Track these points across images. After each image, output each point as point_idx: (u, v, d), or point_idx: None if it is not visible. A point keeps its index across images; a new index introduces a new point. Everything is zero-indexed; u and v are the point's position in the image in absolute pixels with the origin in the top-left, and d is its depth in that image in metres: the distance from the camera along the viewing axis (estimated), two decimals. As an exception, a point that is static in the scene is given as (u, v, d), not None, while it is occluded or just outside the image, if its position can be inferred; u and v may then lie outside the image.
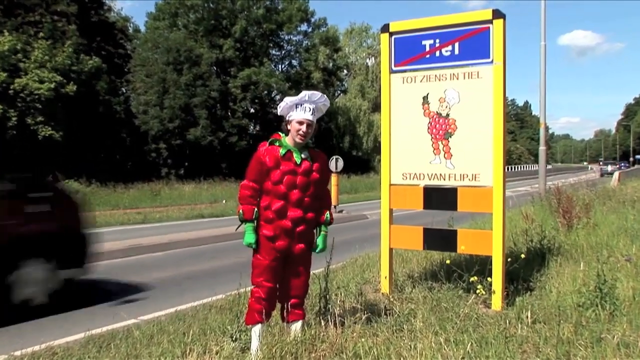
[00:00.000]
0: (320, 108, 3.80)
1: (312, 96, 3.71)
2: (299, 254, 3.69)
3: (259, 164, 3.65)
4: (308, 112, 3.65)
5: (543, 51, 16.60)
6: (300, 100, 3.69)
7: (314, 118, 3.68)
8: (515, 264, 5.40)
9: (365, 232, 12.03)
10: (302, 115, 3.64)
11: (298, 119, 3.64)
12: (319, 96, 3.74)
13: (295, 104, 3.69)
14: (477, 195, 4.86)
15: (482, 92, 4.80)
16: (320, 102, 3.76)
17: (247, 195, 3.66)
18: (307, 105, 3.67)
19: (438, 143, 4.99)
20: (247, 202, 3.65)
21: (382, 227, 5.34)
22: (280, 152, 3.64)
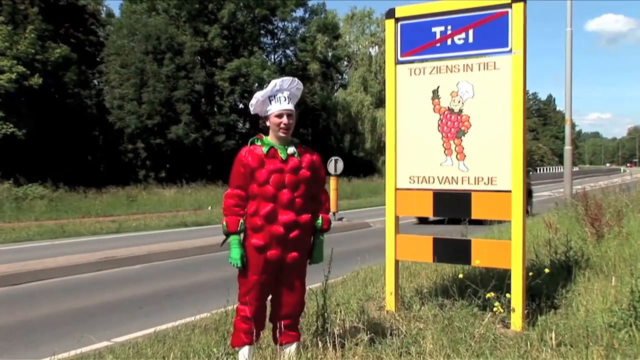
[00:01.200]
0: (295, 94, 3.81)
1: (283, 83, 3.73)
2: (293, 263, 3.68)
3: (241, 167, 3.65)
4: (284, 101, 3.68)
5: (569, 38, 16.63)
6: (272, 91, 3.71)
7: (293, 107, 3.71)
8: (538, 279, 5.39)
9: (368, 242, 12.02)
10: (279, 106, 3.67)
11: (276, 112, 3.67)
12: (290, 81, 3.76)
13: (267, 97, 3.72)
14: (494, 200, 4.85)
15: (500, 85, 4.80)
16: (293, 87, 3.77)
17: (231, 204, 3.66)
18: (281, 95, 3.70)
19: (450, 142, 4.99)
20: (232, 213, 3.65)
21: (386, 237, 5.34)
22: (263, 150, 3.65)
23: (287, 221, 3.60)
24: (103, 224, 16.44)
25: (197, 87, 33.88)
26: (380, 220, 14.94)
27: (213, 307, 5.82)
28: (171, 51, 33.57)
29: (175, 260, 10.42)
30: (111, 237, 14.15)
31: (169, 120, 33.01)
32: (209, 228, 15.81)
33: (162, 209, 21.89)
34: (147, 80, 32.88)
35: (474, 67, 4.91)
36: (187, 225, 16.80)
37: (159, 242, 12.04)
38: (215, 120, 34.62)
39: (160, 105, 32.67)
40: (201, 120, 34.05)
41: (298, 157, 3.70)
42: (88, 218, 18.51)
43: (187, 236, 13.49)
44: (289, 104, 3.68)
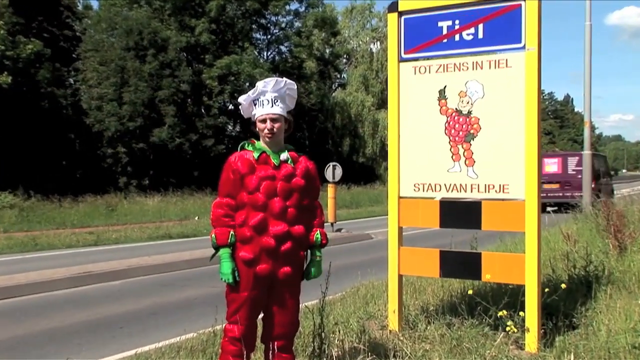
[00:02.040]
0: (288, 95, 3.80)
1: (266, 86, 3.73)
2: (285, 279, 3.67)
3: (231, 173, 3.67)
4: (268, 105, 3.69)
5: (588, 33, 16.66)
6: (255, 94, 3.73)
7: (280, 110, 3.70)
8: (554, 296, 5.39)
9: (369, 256, 12.01)
10: (262, 111, 3.69)
11: (259, 116, 3.70)
12: (275, 82, 3.75)
13: (252, 100, 3.74)
14: (506, 210, 4.86)
15: (512, 85, 4.82)
16: (281, 88, 3.76)
17: (221, 214, 3.66)
18: (265, 98, 3.71)
19: (457, 147, 5.01)
20: (222, 224, 3.65)
21: (389, 250, 5.34)
22: (254, 155, 3.67)
23: (279, 232, 3.60)
24: (79, 235, 16.39)
25: (183, 87, 33.91)
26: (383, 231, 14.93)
27: (200, 327, 5.80)
28: (154, 47, 33.61)
29: (159, 276, 10.39)
30: (89, 250, 14.11)
31: (153, 122, 33.02)
32: (196, 240, 15.78)
33: (144, 219, 21.85)
34: (128, 79, 32.89)
35: (484, 65, 4.93)
36: (172, 237, 16.76)
37: (141, 256, 12.01)
38: (203, 122, 34.63)
39: (143, 106, 32.68)
40: (187, 123, 34.06)
41: (292, 164, 3.71)
42: (63, 229, 18.45)
43: (172, 249, 13.46)
44: (272, 107, 3.69)
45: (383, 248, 5.83)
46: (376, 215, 24.07)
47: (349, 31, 49.62)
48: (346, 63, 49.94)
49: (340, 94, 46.31)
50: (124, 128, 32.53)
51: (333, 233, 16.30)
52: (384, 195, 26.67)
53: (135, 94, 32.44)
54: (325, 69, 44.46)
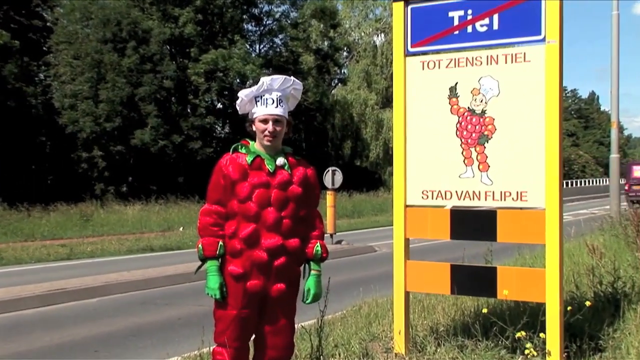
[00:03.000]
0: (292, 95, 3.83)
1: (273, 83, 3.74)
2: (279, 297, 3.68)
3: (221, 178, 3.67)
4: (271, 104, 3.69)
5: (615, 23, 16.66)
6: (259, 91, 3.72)
7: (282, 111, 3.72)
8: (578, 315, 5.39)
9: (373, 270, 12.01)
10: (265, 110, 3.68)
11: (260, 116, 3.69)
12: (283, 80, 3.77)
13: (254, 97, 3.74)
14: (524, 220, 4.86)
15: (531, 81, 4.83)
16: (287, 87, 3.79)
17: (209, 223, 3.67)
18: (270, 96, 3.71)
19: (470, 150, 5.01)
20: (210, 233, 3.66)
21: (395, 264, 5.33)
22: (247, 159, 3.66)
23: (272, 246, 3.60)
24: (50, 248, 16.35)
25: (166, 83, 33.93)
26: (387, 243, 14.91)
27: (185, 350, 5.79)
28: (134, 39, 33.64)
29: (140, 293, 10.37)
30: (61, 264, 14.08)
31: (132, 123, 33.02)
32: (180, 253, 15.75)
33: (123, 230, 21.82)
34: (105, 75, 32.91)
35: (499, 60, 4.93)
36: (153, 249, 16.73)
37: (119, 271, 11.99)
38: (189, 123, 34.63)
39: (122, 104, 32.69)
40: (171, 123, 34.06)
41: (289, 170, 3.71)
42: (32, 242, 18.41)
43: (154, 263, 13.43)
44: (277, 107, 3.69)
45: (388, 262, 5.82)
46: (380, 226, 24.04)
47: (350, 22, 49.69)
48: (347, 57, 49.98)
49: (340, 92, 46.34)
50: (101, 129, 32.52)
51: (333, 245, 16.28)
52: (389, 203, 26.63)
53: (113, 92, 32.45)
54: (323, 64, 44.48)
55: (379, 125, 44.49)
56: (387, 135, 42.83)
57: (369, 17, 50.03)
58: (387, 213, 28.00)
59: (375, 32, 49.03)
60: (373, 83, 45.96)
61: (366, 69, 46.27)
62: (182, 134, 34.15)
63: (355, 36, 49.82)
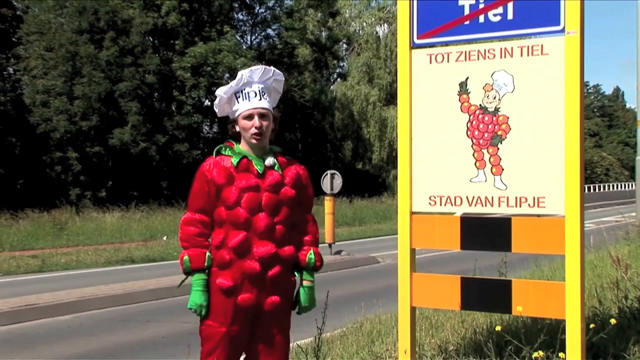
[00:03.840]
0: (273, 89, 3.83)
1: (252, 75, 3.74)
2: (273, 311, 3.67)
3: (204, 184, 3.66)
4: (255, 97, 3.69)
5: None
6: (239, 85, 3.72)
7: (267, 104, 3.72)
8: (602, 333, 5.39)
9: (375, 283, 12.01)
10: (248, 104, 3.68)
11: (244, 112, 3.68)
12: (262, 71, 3.77)
13: (234, 93, 3.73)
14: (542, 228, 4.86)
15: (549, 76, 4.83)
16: (268, 79, 3.79)
17: (193, 233, 3.66)
18: (251, 89, 3.71)
19: (482, 151, 5.01)
20: (194, 244, 3.65)
21: (399, 276, 5.33)
22: (233, 161, 3.66)
23: (265, 255, 3.60)
24: (20, 260, 16.32)
25: (148, 78, 33.93)
26: (391, 254, 14.89)
27: (168, 372, 5.78)
28: (113, 30, 33.65)
29: (119, 309, 10.35)
30: (31, 277, 14.04)
31: (111, 121, 33.01)
32: (164, 265, 15.74)
33: (101, 239, 21.79)
34: (81, 69, 32.89)
35: (514, 52, 4.94)
36: (134, 261, 16.71)
37: (96, 285, 11.97)
38: (174, 122, 34.63)
39: (99, 101, 32.67)
40: (154, 123, 34.06)
41: (279, 171, 3.71)
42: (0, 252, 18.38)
43: (135, 276, 13.42)
44: (261, 100, 3.70)
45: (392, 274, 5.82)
46: (384, 235, 24.05)
47: (351, 11, 49.77)
48: (347, 50, 50.03)
49: (340, 87, 46.38)
50: (76, 128, 32.49)
51: (331, 256, 16.28)
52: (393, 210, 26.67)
53: (90, 87, 32.43)
54: (321, 57, 44.50)
55: (382, 124, 44.52)
56: (391, 136, 42.88)
57: (371, 5, 50.17)
58: (391, 221, 28.01)
59: (378, 22, 49.12)
60: (376, 78, 45.98)
61: (368, 63, 46.30)
62: (167, 134, 34.13)
63: (356, 26, 49.87)
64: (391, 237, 19.80)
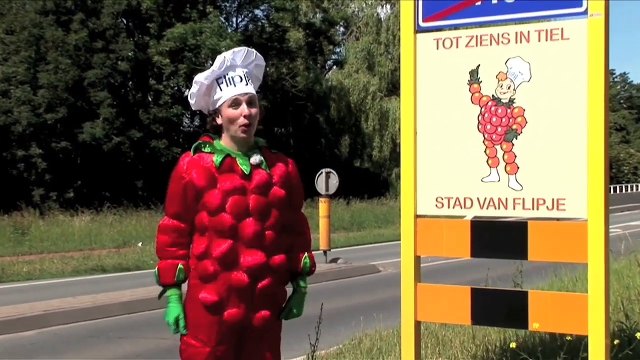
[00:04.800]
0: (254, 75, 3.81)
1: (236, 57, 3.71)
2: (262, 327, 3.67)
3: (180, 187, 3.63)
4: (241, 82, 3.65)
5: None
6: (220, 70, 3.68)
7: (251, 88, 3.68)
8: (628, 350, 5.40)
9: (375, 295, 12.03)
10: (233, 90, 3.63)
11: (229, 98, 3.62)
12: (246, 53, 3.75)
13: (215, 79, 3.68)
14: (562, 234, 4.86)
15: (569, 63, 4.83)
16: (250, 63, 3.77)
17: (165, 243, 3.65)
18: (235, 74, 3.67)
19: (495, 148, 5.01)
20: (165, 255, 3.65)
21: (402, 287, 5.33)
22: (215, 160, 3.62)
23: (254, 265, 3.59)
24: (-23, 268, 16.30)
25: (121, 65, 33.88)
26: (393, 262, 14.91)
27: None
28: (82, 11, 33.60)
29: (88, 323, 10.33)
30: (-9, 288, 14.03)
31: (80, 114, 32.94)
32: (139, 274, 15.72)
33: (68, 246, 21.74)
34: (46, 54, 32.83)
35: (531, 37, 4.94)
36: (105, 270, 16.68)
37: (63, 296, 11.94)
38: (150, 114, 34.59)
39: (67, 91, 32.61)
40: (129, 115, 34.01)
41: (267, 169, 3.69)
42: (-45, 260, 18.35)
43: (107, 287, 13.39)
44: (247, 85, 3.66)
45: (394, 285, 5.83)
46: (385, 241, 24.08)
47: (349, -10, 49.78)
48: (344, 34, 50.01)
49: (336, 76, 46.36)
50: (41, 121, 32.43)
51: (326, 265, 16.28)
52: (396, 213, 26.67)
53: (56, 75, 32.36)
54: (315, 42, 44.50)
55: (383, 116, 44.51)
56: (394, 129, 42.88)
57: (371, -17, 50.11)
58: (393, 225, 28.02)
59: (379, 2, 49.11)
60: (376, 65, 45.97)
61: (368, 49, 46.24)
62: (143, 128, 34.08)
63: (354, 7, 49.87)
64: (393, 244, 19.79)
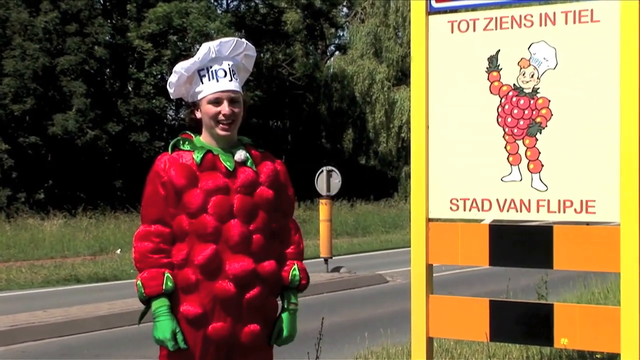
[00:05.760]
0: (242, 67, 3.84)
1: (223, 48, 3.74)
2: (251, 343, 3.68)
3: (159, 187, 3.65)
4: (224, 78, 3.68)
5: None
6: (204, 61, 3.70)
7: (237, 86, 3.71)
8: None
9: (382, 308, 12.04)
10: (215, 86, 3.67)
11: (210, 95, 3.66)
12: (235, 44, 3.77)
13: (197, 70, 3.72)
14: (591, 240, 4.86)
15: (600, 48, 4.83)
16: (239, 54, 3.79)
17: (148, 250, 3.65)
18: (220, 67, 3.70)
19: (517, 143, 5.02)
20: (149, 264, 3.63)
21: (413, 299, 5.33)
22: (195, 157, 3.65)
23: (241, 272, 3.59)
24: (-64, 278, 16.32)
25: (97, 51, 33.86)
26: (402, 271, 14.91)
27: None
28: (55, -10, 33.62)
29: (60, 340, 10.34)
30: (-48, 300, 14.04)
31: (51, 105, 32.95)
32: (117, 285, 15.71)
33: (38, 253, 21.73)
34: (12, 38, 32.83)
35: (557, 19, 4.95)
36: (80, 280, 16.67)
37: (32, 310, 11.95)
38: (130, 106, 34.57)
39: (35, 79, 32.60)
40: (106, 106, 34.01)
41: (253, 167, 3.71)
42: None
43: (81, 299, 13.40)
44: (231, 81, 3.69)
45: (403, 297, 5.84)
46: (393, 247, 24.06)
47: (353, -34, 49.80)
48: (348, 15, 50.02)
49: (339, 63, 46.32)
50: (6, 113, 32.44)
51: (328, 274, 16.26)
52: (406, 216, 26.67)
53: (24, 62, 32.35)
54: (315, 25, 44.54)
55: (391, 108, 44.46)
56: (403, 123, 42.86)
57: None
58: (402, 230, 28.00)
59: (387, -20, 49.11)
60: (384, 51, 45.93)
61: (374, 32, 46.20)
62: (121, 121, 34.06)
63: (359, -14, 49.89)
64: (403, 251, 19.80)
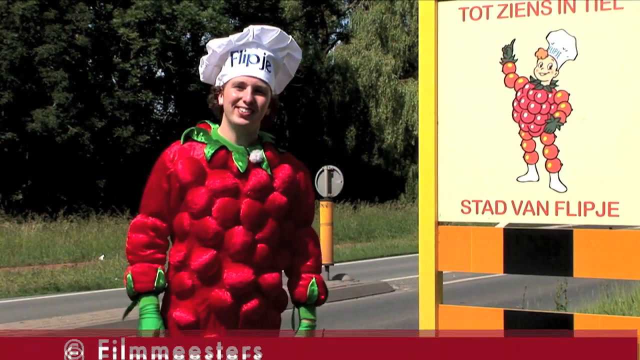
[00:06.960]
0: (284, 67, 3.83)
1: (263, 35, 3.71)
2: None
3: (163, 179, 3.66)
4: (255, 64, 3.66)
5: None
6: (240, 42, 3.69)
7: (268, 76, 3.68)
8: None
9: (388, 319, 12.04)
10: (243, 70, 3.65)
11: (235, 77, 3.64)
12: (277, 35, 3.74)
13: (230, 51, 3.70)
14: (614, 245, 4.86)
15: (624, 38, 4.84)
16: (280, 48, 3.77)
17: (141, 243, 3.66)
18: (255, 52, 3.68)
19: (534, 140, 5.01)
20: (141, 258, 3.65)
21: (421, 309, 5.33)
22: (206, 152, 3.64)
23: (238, 283, 3.60)
24: None
25: (79, 40, 33.87)
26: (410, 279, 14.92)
27: None
28: (33, -26, 33.65)
29: (39, 354, 10.34)
30: None
31: (29, 98, 32.99)
32: (100, 294, 15.73)
33: (14, 260, 21.75)
34: (-11, 27, 32.90)
35: (577, 6, 4.95)
36: (60, 289, 16.68)
37: (7, 321, 11.97)
38: (115, 99, 34.58)
39: (12, 71, 32.65)
40: (88, 100, 34.02)
41: (268, 170, 3.70)
42: None
43: (61, 309, 13.41)
44: (263, 69, 3.66)
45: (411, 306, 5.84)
46: (400, 253, 24.08)
47: (356, -51, 49.86)
48: (350, 2, 50.05)
49: (341, 53, 46.39)
50: (-18, 108, 32.53)
51: (330, 281, 16.28)
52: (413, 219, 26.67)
53: (0, 52, 32.41)
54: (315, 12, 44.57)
55: (397, 102, 44.54)
56: (411, 118, 42.90)
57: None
58: (410, 234, 28.00)
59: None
60: (390, 40, 45.98)
61: (379, 20, 46.27)
62: (105, 116, 34.07)
63: (362, -30, 49.94)
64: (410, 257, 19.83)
